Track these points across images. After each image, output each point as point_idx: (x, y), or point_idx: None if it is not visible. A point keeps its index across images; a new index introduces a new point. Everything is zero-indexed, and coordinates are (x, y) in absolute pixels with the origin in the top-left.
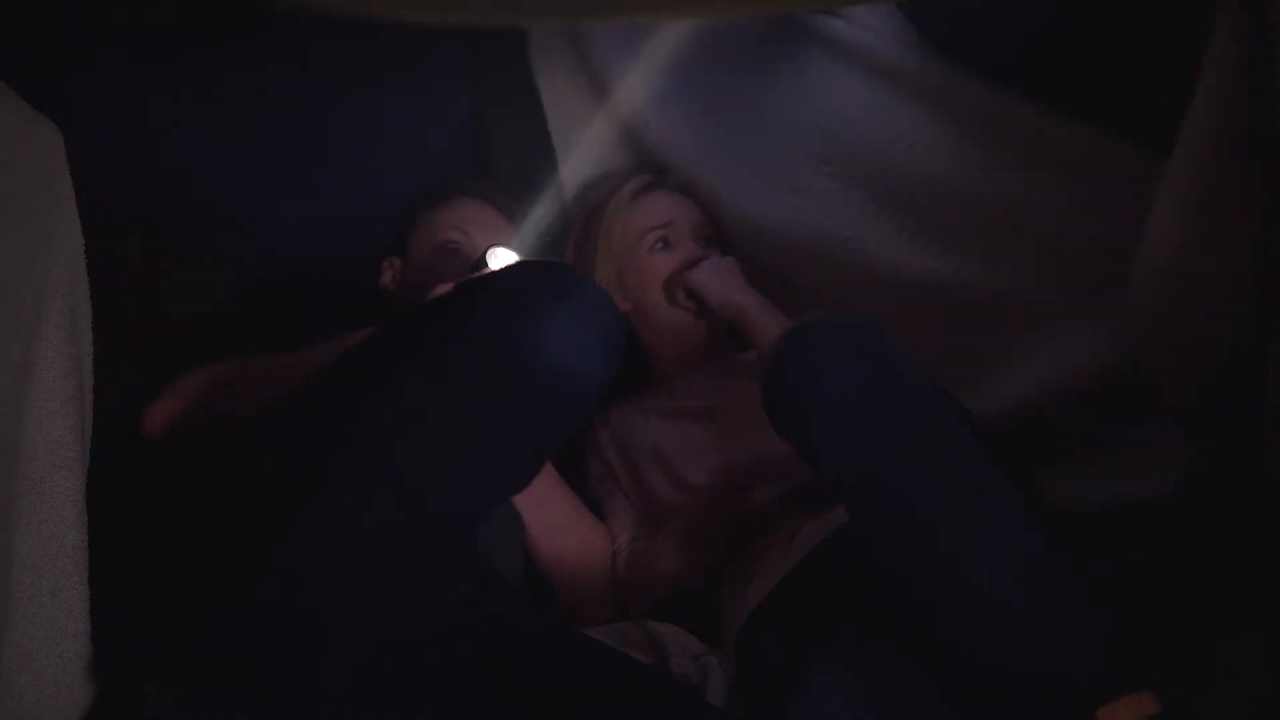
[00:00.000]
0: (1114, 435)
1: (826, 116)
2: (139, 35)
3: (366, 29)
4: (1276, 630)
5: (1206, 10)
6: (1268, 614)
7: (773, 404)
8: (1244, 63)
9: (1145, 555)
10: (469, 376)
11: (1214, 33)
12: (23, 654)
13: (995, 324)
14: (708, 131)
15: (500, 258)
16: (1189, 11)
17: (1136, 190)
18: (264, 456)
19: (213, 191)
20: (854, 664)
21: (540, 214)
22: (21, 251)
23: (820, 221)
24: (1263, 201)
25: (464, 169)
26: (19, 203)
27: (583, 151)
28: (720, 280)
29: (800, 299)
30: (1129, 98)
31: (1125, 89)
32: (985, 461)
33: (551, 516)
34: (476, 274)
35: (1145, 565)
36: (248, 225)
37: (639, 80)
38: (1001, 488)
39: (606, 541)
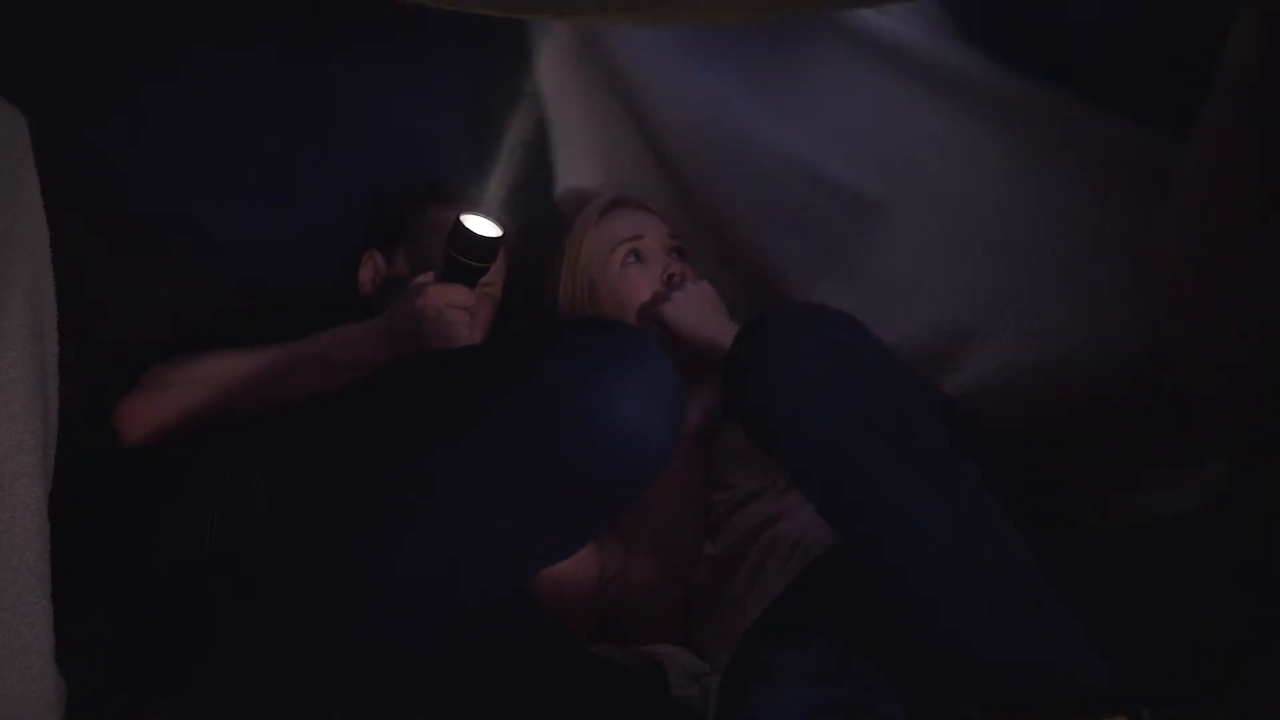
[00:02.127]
0: (1147, 446)
1: (854, 114)
2: (112, 18)
3: (359, 15)
4: None
5: None
6: None
7: (732, 395)
8: (1266, 43)
9: (1175, 570)
10: (523, 435)
11: (1237, 13)
12: None
13: (1018, 331)
14: (725, 127)
15: (476, 224)
16: None
17: (1162, 181)
18: (288, 487)
19: (190, 185)
20: (811, 663)
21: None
22: None
23: (840, 219)
24: None
25: (462, 164)
26: None
27: (583, 147)
28: (693, 313)
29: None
30: (1155, 83)
31: (1150, 74)
32: (961, 458)
33: None
34: (454, 248)
35: (1175, 581)
36: (227, 219)
37: (650, 73)
38: (976, 486)
39: (595, 557)
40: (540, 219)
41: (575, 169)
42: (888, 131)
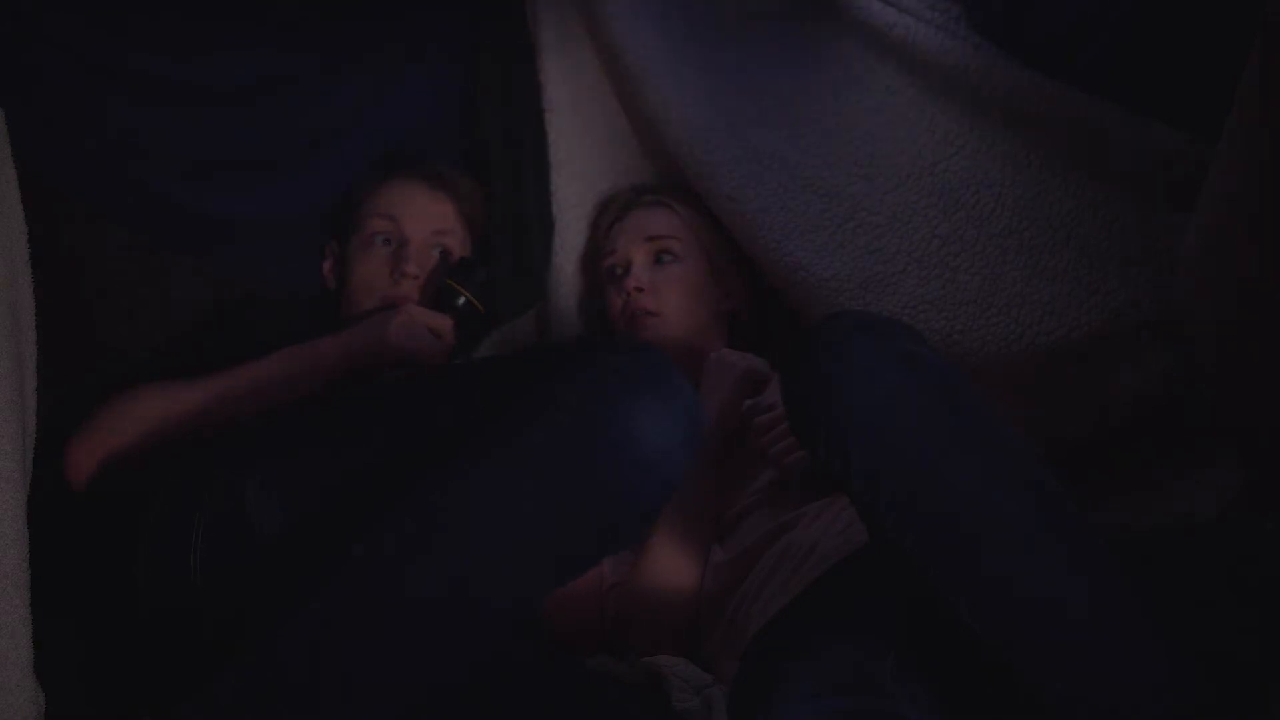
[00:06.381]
0: (1164, 452)
1: (859, 113)
2: (105, 8)
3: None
4: None
5: None
6: None
7: (795, 401)
8: None
9: (1191, 581)
10: (546, 457)
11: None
12: None
13: (1034, 340)
14: (727, 125)
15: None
16: None
17: (1188, 188)
18: (289, 498)
19: (175, 174)
20: (825, 672)
21: (519, 193)
22: None
23: (846, 227)
24: None
25: (455, 146)
26: None
27: (580, 140)
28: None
29: (811, 307)
30: (1168, 80)
31: (1178, 77)
32: (1039, 463)
33: None
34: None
35: (1191, 592)
36: (215, 212)
37: (653, 64)
38: (1059, 491)
39: (598, 565)
40: (536, 210)
41: (572, 161)
42: (895, 131)
